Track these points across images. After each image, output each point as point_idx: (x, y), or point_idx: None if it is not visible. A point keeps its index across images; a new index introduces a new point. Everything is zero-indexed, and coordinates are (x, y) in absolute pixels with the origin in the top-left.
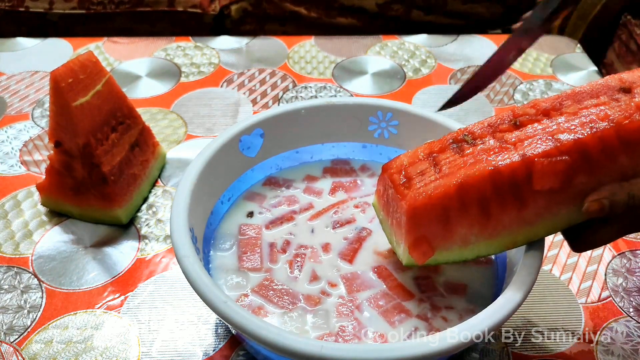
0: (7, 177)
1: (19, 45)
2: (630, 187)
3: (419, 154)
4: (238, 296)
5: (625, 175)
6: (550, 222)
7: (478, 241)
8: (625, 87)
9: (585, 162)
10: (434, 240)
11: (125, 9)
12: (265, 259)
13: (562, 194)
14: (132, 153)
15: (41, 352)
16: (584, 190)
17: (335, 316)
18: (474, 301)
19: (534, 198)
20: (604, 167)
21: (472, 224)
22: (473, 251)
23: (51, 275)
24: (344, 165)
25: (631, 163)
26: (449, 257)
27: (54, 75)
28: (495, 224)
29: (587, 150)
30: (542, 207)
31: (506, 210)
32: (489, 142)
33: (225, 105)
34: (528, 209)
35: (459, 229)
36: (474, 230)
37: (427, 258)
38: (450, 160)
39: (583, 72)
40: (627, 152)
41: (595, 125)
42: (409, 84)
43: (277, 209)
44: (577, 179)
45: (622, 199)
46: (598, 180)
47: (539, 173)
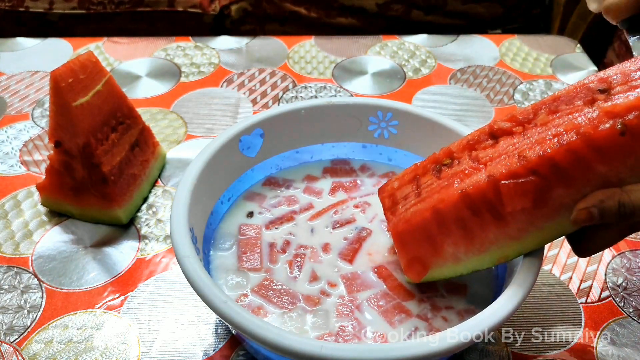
0: (7, 177)
1: (19, 45)
2: (621, 195)
3: (405, 177)
4: (238, 296)
5: (609, 182)
6: (538, 236)
7: (468, 257)
8: (603, 88)
9: (559, 176)
10: (426, 260)
11: (125, 9)
12: (265, 259)
13: (542, 209)
14: (132, 153)
15: (41, 352)
16: (567, 202)
17: (335, 316)
18: (474, 301)
19: (512, 216)
20: (581, 177)
21: (457, 242)
22: (466, 267)
23: (51, 275)
24: (344, 165)
25: (612, 170)
26: (443, 273)
27: (54, 75)
28: (481, 241)
29: (557, 164)
30: (525, 223)
31: (488, 228)
32: (464, 163)
33: (225, 105)
34: (509, 226)
35: (446, 248)
36: (461, 249)
37: (421, 277)
38: (429, 183)
39: (583, 72)
40: (603, 161)
41: (563, 137)
42: (409, 84)
43: (277, 209)
44: (554, 193)
45: (612, 206)
46: (579, 191)
47: (506, 196)
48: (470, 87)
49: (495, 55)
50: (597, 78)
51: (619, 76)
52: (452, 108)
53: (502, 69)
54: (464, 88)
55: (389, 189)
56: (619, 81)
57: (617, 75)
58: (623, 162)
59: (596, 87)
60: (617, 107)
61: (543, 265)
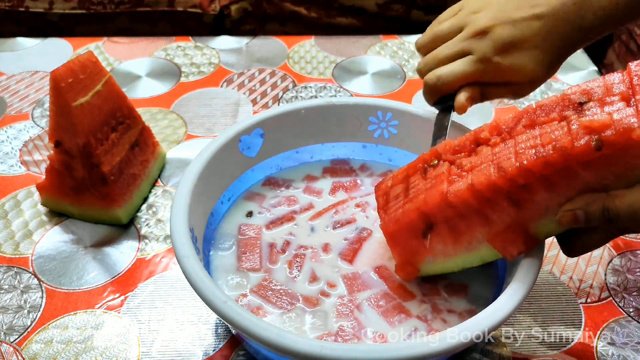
0: (7, 177)
1: (19, 45)
2: (605, 199)
3: (398, 176)
4: (237, 296)
5: (591, 188)
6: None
7: (457, 254)
8: (583, 101)
9: (541, 182)
10: (417, 257)
11: (125, 9)
12: (264, 259)
13: (526, 212)
14: (132, 153)
15: (41, 352)
16: (551, 205)
17: (335, 316)
18: (475, 301)
19: (498, 217)
20: (564, 184)
21: (445, 240)
22: (457, 263)
23: (51, 275)
24: (344, 165)
25: (595, 178)
26: (434, 269)
27: (54, 75)
28: (469, 239)
29: (535, 174)
30: (510, 223)
31: (475, 228)
32: (443, 166)
33: (225, 105)
34: (495, 226)
35: (436, 245)
36: (449, 246)
37: (413, 277)
38: (416, 183)
39: (583, 72)
40: (585, 169)
41: (540, 151)
42: (409, 84)
43: (277, 209)
44: (537, 197)
45: (596, 210)
46: (563, 195)
47: (486, 204)
48: None
49: None
50: (579, 89)
51: (601, 89)
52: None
53: None
54: None
55: (383, 187)
56: (599, 94)
57: (599, 88)
58: (604, 172)
59: (577, 100)
60: (593, 123)
61: (543, 265)
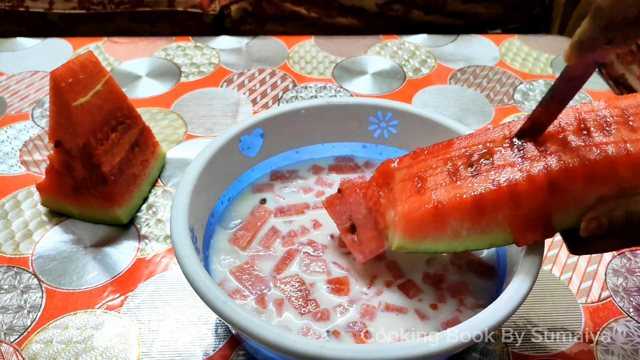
0: (7, 177)
1: (19, 45)
2: (627, 204)
3: (409, 161)
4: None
5: (620, 191)
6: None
7: (469, 235)
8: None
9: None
10: (426, 232)
11: (125, 9)
12: (258, 240)
13: (558, 200)
14: (132, 153)
15: (41, 352)
16: (581, 198)
17: (335, 316)
18: (474, 301)
19: (532, 200)
20: (600, 182)
21: (464, 217)
22: (463, 244)
23: (51, 275)
24: (348, 162)
25: (634, 178)
26: (437, 247)
27: (54, 75)
28: (487, 221)
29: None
30: (538, 210)
31: (501, 210)
32: (502, 158)
33: (225, 105)
34: (523, 209)
35: (451, 221)
36: (466, 224)
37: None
38: (482, 164)
39: None
40: (627, 168)
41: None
42: (409, 84)
43: (291, 197)
44: (573, 187)
45: (620, 215)
46: (597, 191)
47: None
48: (470, 87)
49: (495, 55)
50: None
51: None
52: (452, 108)
53: (502, 69)
54: (464, 88)
55: (388, 169)
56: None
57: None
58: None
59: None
60: None
61: (543, 265)
